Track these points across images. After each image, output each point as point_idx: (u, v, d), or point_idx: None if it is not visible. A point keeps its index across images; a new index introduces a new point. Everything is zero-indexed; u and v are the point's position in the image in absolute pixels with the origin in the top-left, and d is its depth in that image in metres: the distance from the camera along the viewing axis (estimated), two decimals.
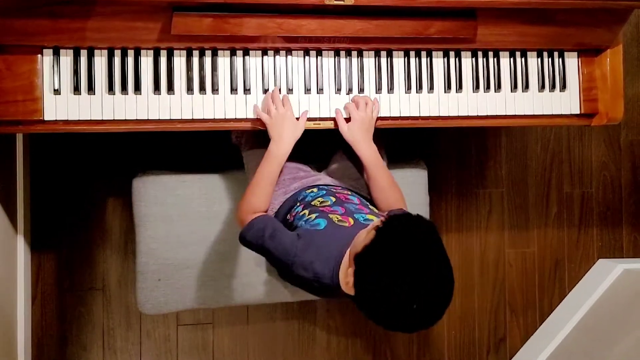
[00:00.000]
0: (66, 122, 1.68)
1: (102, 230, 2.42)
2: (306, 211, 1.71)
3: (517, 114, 1.93)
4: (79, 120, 1.69)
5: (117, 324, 2.44)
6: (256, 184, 1.73)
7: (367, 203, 1.82)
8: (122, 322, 2.44)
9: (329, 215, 1.64)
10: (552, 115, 1.96)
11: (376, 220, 1.43)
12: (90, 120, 1.69)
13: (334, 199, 1.75)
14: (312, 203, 1.75)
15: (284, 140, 1.73)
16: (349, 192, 1.85)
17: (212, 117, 1.76)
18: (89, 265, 2.41)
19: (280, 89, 1.78)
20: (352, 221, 1.63)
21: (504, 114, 1.92)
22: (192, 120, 1.75)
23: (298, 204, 1.79)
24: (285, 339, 2.59)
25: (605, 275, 2.68)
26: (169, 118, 1.73)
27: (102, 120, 1.70)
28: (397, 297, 1.28)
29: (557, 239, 2.81)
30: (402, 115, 1.86)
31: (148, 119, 1.72)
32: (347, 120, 1.80)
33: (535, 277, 2.79)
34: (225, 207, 2.00)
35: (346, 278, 1.43)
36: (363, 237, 1.39)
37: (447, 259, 1.34)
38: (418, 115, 1.87)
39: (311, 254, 1.52)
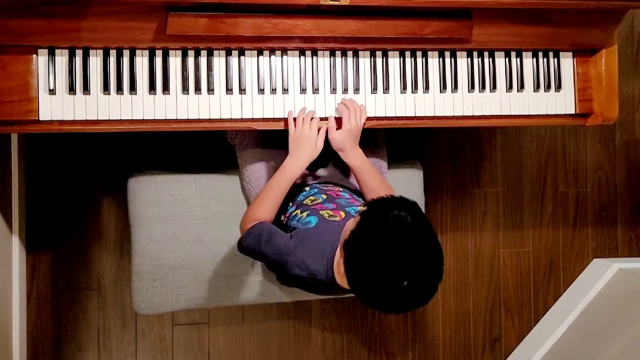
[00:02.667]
0: (61, 122, 1.68)
1: (98, 231, 2.41)
2: (298, 211, 1.72)
3: (512, 113, 1.94)
4: (74, 120, 1.68)
5: (113, 324, 2.44)
6: (265, 194, 1.74)
7: (360, 198, 1.83)
8: (117, 322, 2.44)
9: (320, 212, 1.65)
10: (547, 115, 1.96)
11: (362, 207, 1.43)
12: (86, 120, 1.69)
13: (325, 197, 1.76)
14: (304, 202, 1.76)
15: (300, 159, 1.75)
16: (340, 189, 1.85)
17: (208, 117, 1.76)
18: (84, 265, 2.40)
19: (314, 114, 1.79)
20: (343, 214, 1.64)
21: (499, 114, 1.93)
22: (188, 121, 1.75)
23: (290, 205, 1.80)
24: (281, 339, 2.59)
25: (600, 275, 2.68)
26: (164, 118, 1.73)
27: (98, 120, 1.69)
28: (386, 275, 1.29)
29: (552, 239, 2.82)
30: (397, 115, 1.86)
31: (143, 119, 1.72)
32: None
33: (530, 276, 2.80)
34: (220, 207, 2.00)
35: (338, 267, 1.44)
36: (351, 224, 1.39)
37: (434, 234, 1.35)
38: (413, 115, 1.87)
39: (304, 252, 1.53)
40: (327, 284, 1.52)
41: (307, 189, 1.85)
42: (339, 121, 1.80)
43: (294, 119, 1.77)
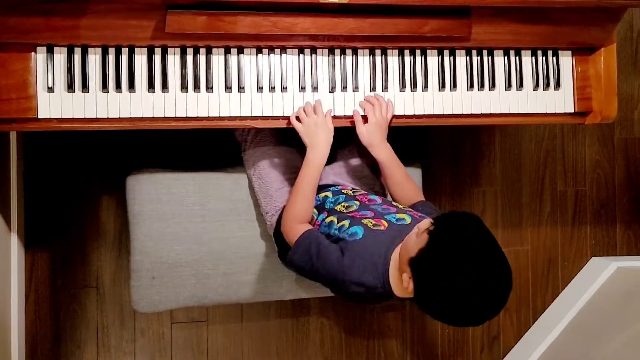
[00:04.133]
0: (60, 120, 1.68)
1: (96, 229, 2.41)
2: (334, 218, 1.70)
3: (511, 112, 1.94)
4: (72, 118, 1.68)
5: (111, 322, 2.44)
6: (297, 192, 1.73)
7: (388, 200, 1.84)
8: (116, 320, 2.44)
9: (362, 221, 1.64)
10: (546, 113, 1.96)
11: (425, 222, 1.46)
12: (84, 118, 1.68)
13: (358, 203, 1.75)
14: (336, 209, 1.75)
15: (320, 146, 1.74)
16: (366, 193, 1.84)
17: (207, 115, 1.75)
18: (82, 263, 2.40)
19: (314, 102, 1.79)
20: (385, 223, 1.64)
21: (498, 112, 1.93)
22: (186, 119, 1.75)
23: (316, 212, 1.79)
24: (279, 337, 2.59)
25: (599, 273, 2.69)
26: (163, 116, 1.73)
27: (96, 118, 1.69)
28: (465, 294, 1.32)
29: (550, 237, 2.82)
30: (396, 113, 1.86)
31: (142, 117, 1.72)
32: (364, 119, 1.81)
33: (528, 275, 2.80)
34: (219, 205, 2.00)
35: (403, 284, 1.47)
36: (414, 240, 1.43)
37: (499, 247, 1.39)
38: (412, 113, 1.87)
39: (359, 269, 1.54)
40: (385, 295, 1.55)
41: (330, 194, 1.83)
42: (364, 118, 1.81)
43: (297, 117, 1.77)
